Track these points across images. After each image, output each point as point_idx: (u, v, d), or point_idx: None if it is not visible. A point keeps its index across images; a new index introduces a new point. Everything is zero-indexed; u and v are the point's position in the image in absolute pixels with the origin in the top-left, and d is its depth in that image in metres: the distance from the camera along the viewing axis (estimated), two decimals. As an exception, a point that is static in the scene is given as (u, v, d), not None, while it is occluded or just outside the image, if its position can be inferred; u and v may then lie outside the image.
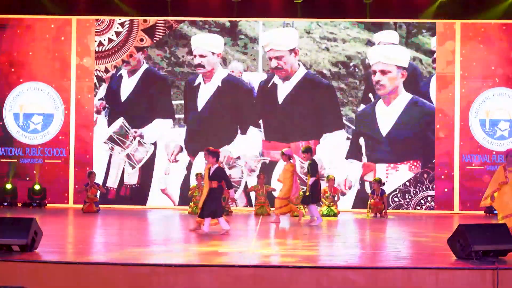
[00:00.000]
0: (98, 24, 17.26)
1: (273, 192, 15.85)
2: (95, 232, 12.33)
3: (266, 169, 16.77)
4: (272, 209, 15.88)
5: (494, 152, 16.85)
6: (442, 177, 16.92)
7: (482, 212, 16.30)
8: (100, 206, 15.83)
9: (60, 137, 17.11)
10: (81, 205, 16.03)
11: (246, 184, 16.89)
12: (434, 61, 17.07)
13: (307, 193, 13.60)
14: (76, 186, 16.84)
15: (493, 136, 17.01)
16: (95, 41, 17.24)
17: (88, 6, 17.30)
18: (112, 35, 17.24)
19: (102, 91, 17.26)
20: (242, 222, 13.80)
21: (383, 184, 15.93)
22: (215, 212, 11.47)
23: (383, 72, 17.01)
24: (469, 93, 17.01)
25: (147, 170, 17.08)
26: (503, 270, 8.11)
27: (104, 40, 17.24)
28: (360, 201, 16.78)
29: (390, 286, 8.06)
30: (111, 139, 17.12)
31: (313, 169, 13.66)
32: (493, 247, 8.78)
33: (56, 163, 17.15)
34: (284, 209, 13.94)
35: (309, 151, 13.89)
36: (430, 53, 17.10)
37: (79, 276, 8.10)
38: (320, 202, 14.88)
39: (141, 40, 17.25)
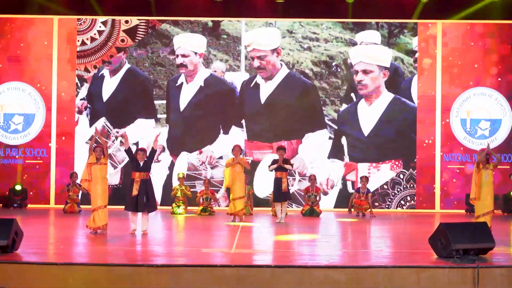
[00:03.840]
0: (80, 24, 17.18)
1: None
2: (76, 232, 12.27)
3: (249, 169, 16.73)
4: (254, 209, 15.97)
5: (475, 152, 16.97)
6: (423, 176, 17.02)
7: (463, 211, 16.41)
8: (82, 206, 15.75)
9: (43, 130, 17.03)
10: (62, 206, 15.94)
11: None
12: (415, 61, 17.17)
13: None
14: (60, 191, 16.75)
15: (474, 135, 17.13)
16: (78, 40, 17.15)
17: (70, 6, 17.22)
18: (95, 34, 17.16)
19: (83, 91, 17.19)
20: (224, 222, 13.78)
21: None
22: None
23: (365, 72, 17.08)
24: (450, 93, 17.13)
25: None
26: (483, 269, 8.18)
27: (87, 39, 17.15)
28: (342, 201, 16.82)
29: (372, 285, 8.09)
30: (92, 139, 16.99)
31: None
32: (474, 246, 8.85)
33: (37, 164, 17.06)
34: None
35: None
36: (411, 53, 17.20)
37: (60, 277, 8.06)
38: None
39: (122, 41, 17.19)
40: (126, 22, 17.17)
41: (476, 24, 17.17)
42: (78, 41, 17.16)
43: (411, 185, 17.00)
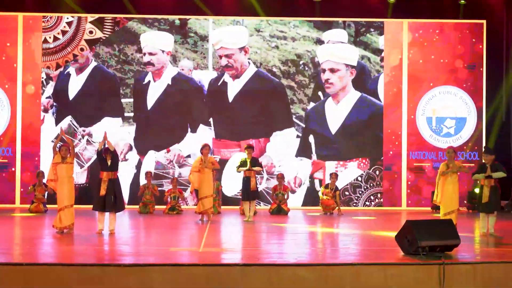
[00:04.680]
0: (46, 21, 16.98)
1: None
2: (43, 232, 12.13)
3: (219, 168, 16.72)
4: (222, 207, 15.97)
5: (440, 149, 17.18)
6: (390, 174, 17.18)
7: (429, 208, 16.60)
8: (48, 206, 15.58)
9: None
10: (28, 205, 15.75)
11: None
12: (382, 59, 17.31)
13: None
14: (22, 190, 16.57)
15: (440, 133, 17.34)
16: (50, 37, 16.94)
17: (35, 3, 17.04)
18: (65, 27, 16.96)
19: (49, 89, 17.00)
20: (192, 221, 13.77)
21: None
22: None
23: (332, 71, 17.18)
24: (416, 91, 17.31)
25: (96, 169, 16.84)
26: (449, 265, 8.29)
27: (58, 34, 16.96)
28: (310, 199, 16.91)
29: (339, 282, 8.15)
30: (58, 137, 16.82)
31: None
32: (440, 243, 8.97)
33: (2, 163, 16.83)
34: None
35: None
36: (378, 51, 17.34)
37: (27, 278, 7.97)
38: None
39: (88, 40, 17.01)
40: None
41: (442, 23, 17.38)
42: (50, 37, 16.97)
43: (378, 183, 17.15)
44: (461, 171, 11.86)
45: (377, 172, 17.14)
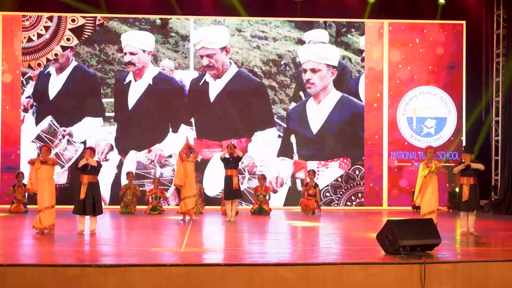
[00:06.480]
0: (26, 20, 16.86)
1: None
2: (22, 233, 12.04)
3: (199, 167, 16.70)
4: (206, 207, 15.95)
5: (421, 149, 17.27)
6: (371, 173, 17.25)
7: (410, 208, 16.68)
8: (29, 206, 15.47)
9: None
10: (7, 206, 15.64)
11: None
12: (363, 59, 17.37)
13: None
14: (6, 193, 16.43)
15: (420, 133, 17.43)
16: (26, 37, 16.82)
17: (15, 2, 16.91)
18: (41, 30, 16.86)
19: (29, 88, 16.88)
20: (174, 221, 13.74)
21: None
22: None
23: (313, 71, 17.22)
24: (397, 92, 17.40)
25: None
26: (430, 264, 8.34)
27: (33, 35, 16.85)
28: (292, 199, 16.93)
29: (321, 281, 8.16)
30: (39, 138, 16.76)
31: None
32: (420, 242, 9.01)
33: (-18, 163, 16.70)
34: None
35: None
36: (359, 52, 17.40)
37: (6, 279, 7.91)
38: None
39: (68, 39, 16.92)
40: (73, 21, 16.92)
41: (423, 23, 17.47)
42: (24, 37, 16.84)
43: (359, 183, 17.20)
44: (440, 171, 11.89)
45: (358, 172, 17.20)
